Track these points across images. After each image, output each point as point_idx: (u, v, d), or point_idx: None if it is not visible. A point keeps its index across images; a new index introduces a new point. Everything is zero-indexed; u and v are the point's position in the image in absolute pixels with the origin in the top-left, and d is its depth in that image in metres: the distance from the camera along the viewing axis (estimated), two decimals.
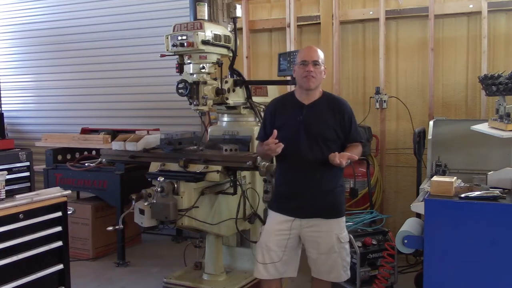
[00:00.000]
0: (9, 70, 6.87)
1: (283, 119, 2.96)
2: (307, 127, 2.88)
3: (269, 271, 2.94)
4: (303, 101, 2.94)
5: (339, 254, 2.92)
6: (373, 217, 3.99)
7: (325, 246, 2.90)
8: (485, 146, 3.57)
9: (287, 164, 2.96)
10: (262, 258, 2.95)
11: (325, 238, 2.90)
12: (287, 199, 2.95)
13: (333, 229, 2.91)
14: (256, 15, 5.43)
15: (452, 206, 2.53)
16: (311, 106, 2.93)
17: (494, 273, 2.44)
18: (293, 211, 2.92)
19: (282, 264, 2.95)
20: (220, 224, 3.66)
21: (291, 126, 2.91)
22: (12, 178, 4.58)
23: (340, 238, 2.92)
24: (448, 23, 4.69)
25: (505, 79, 2.92)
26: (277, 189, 3.07)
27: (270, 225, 2.99)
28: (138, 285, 4.29)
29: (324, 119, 2.90)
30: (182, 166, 3.52)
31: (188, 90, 3.59)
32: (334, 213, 2.93)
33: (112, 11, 6.03)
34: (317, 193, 2.89)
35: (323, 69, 2.92)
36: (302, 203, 2.90)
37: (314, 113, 2.91)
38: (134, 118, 5.93)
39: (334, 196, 2.94)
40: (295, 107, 2.95)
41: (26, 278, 2.73)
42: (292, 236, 2.93)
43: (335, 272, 2.94)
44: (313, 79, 2.86)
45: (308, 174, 2.88)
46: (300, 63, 2.89)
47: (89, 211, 4.99)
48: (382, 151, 4.87)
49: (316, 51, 2.92)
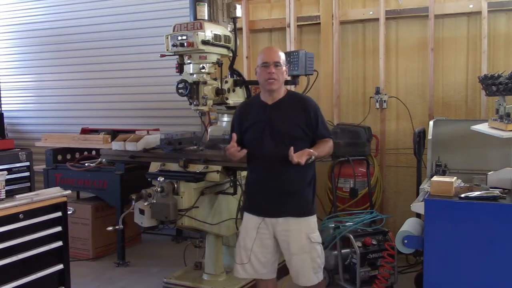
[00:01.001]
0: (9, 70, 6.87)
1: (249, 120, 2.97)
2: (271, 126, 2.88)
3: (247, 270, 2.94)
4: (267, 101, 2.96)
5: (309, 254, 2.88)
6: (373, 217, 3.99)
7: (295, 246, 2.87)
8: (485, 146, 3.57)
9: (254, 165, 2.97)
10: (240, 259, 2.97)
11: (295, 238, 2.87)
12: (255, 199, 2.97)
13: (303, 228, 2.89)
14: (256, 15, 5.43)
15: (452, 206, 2.53)
16: (275, 105, 2.93)
17: (493, 272, 2.45)
18: (261, 211, 2.93)
19: (260, 264, 2.94)
20: (220, 224, 3.66)
21: (256, 127, 2.92)
22: (12, 178, 4.59)
23: (311, 238, 2.89)
24: (448, 23, 4.69)
25: (505, 79, 2.93)
26: (247, 189, 3.10)
27: (244, 225, 3.01)
28: (138, 285, 4.29)
29: (289, 117, 2.89)
30: (182, 166, 3.52)
31: (188, 90, 3.59)
32: (302, 212, 2.91)
33: (112, 11, 6.03)
34: (284, 192, 2.87)
35: (284, 69, 2.93)
36: (269, 203, 2.90)
37: (278, 112, 2.91)
38: (134, 118, 5.93)
39: (302, 195, 2.91)
40: (259, 108, 2.96)
41: (26, 278, 2.73)
42: (266, 236, 2.92)
43: (305, 275, 2.89)
44: (275, 81, 2.88)
45: (274, 174, 2.87)
46: (261, 65, 2.92)
47: (89, 211, 4.99)
48: (382, 151, 4.87)
49: (276, 52, 2.94)
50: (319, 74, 4.14)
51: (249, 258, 2.93)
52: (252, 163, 2.97)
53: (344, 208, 4.38)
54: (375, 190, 4.63)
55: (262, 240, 2.92)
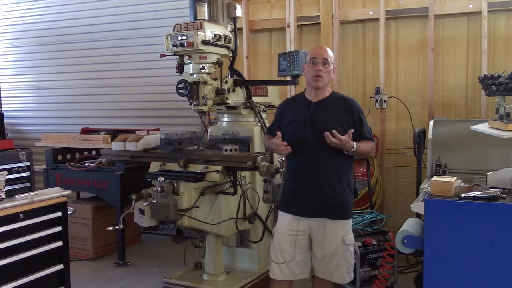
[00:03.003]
0: (9, 70, 6.87)
1: (291, 116, 3.00)
2: (314, 123, 2.89)
3: (284, 271, 2.95)
4: (311, 99, 2.98)
5: (343, 255, 2.92)
6: (373, 217, 3.99)
7: (329, 247, 2.90)
8: (485, 146, 3.58)
9: (293, 161, 2.98)
10: (276, 258, 2.97)
11: (330, 239, 2.90)
12: (293, 197, 2.96)
13: (339, 230, 2.91)
14: (256, 15, 5.43)
15: (452, 206, 2.53)
16: (319, 103, 2.95)
17: (494, 273, 2.44)
18: (299, 210, 2.93)
19: (296, 264, 2.95)
20: (220, 224, 3.66)
21: (298, 122, 2.94)
22: (12, 178, 4.59)
23: (345, 240, 2.92)
24: (448, 23, 4.69)
25: (505, 79, 2.92)
26: (285, 186, 3.08)
27: (280, 226, 3.00)
28: (138, 285, 4.29)
29: (332, 116, 2.90)
30: (182, 166, 3.52)
31: (188, 90, 3.59)
32: (340, 214, 2.93)
33: (112, 11, 6.03)
34: (323, 190, 2.87)
35: (332, 68, 2.95)
36: (308, 202, 2.90)
37: (322, 110, 2.93)
38: (134, 118, 5.93)
39: (341, 196, 2.92)
40: (303, 105, 2.99)
41: (26, 278, 2.74)
42: (302, 236, 2.93)
43: (338, 273, 2.94)
44: (321, 78, 2.90)
45: (314, 170, 2.88)
46: (309, 61, 2.93)
47: (89, 211, 4.99)
48: (382, 151, 4.87)
49: (326, 50, 2.97)
50: None
51: (285, 259, 2.93)
52: (292, 159, 2.97)
53: None
54: (375, 190, 4.63)
55: (298, 241, 2.93)
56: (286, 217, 2.98)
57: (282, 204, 3.06)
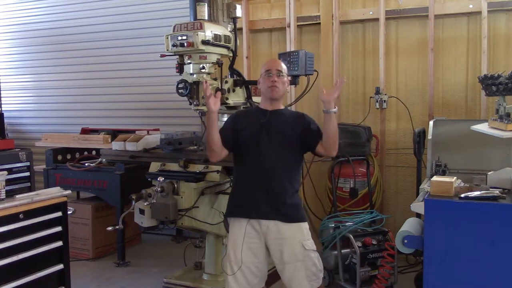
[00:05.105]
0: (9, 70, 6.87)
1: (246, 122, 2.95)
2: (269, 128, 2.87)
3: (239, 282, 2.81)
4: (267, 108, 2.96)
5: (303, 263, 2.78)
6: (373, 217, 3.99)
7: (288, 254, 2.78)
8: (485, 146, 3.57)
9: (246, 164, 2.91)
10: (231, 270, 2.83)
11: (288, 246, 2.78)
12: (243, 198, 2.87)
13: (296, 235, 2.81)
14: (256, 15, 5.43)
15: (452, 206, 2.53)
16: (275, 112, 2.95)
17: (494, 273, 2.44)
18: (250, 211, 2.83)
19: (252, 274, 2.83)
20: (220, 224, 3.66)
21: (253, 127, 2.90)
22: (12, 178, 4.58)
23: (304, 245, 2.80)
24: (448, 23, 4.69)
25: (505, 79, 2.92)
26: (234, 189, 3.02)
27: (232, 233, 2.90)
28: (138, 285, 4.29)
29: (287, 124, 2.90)
30: (182, 166, 3.53)
31: (188, 90, 3.60)
32: (294, 216, 2.84)
33: (112, 11, 6.03)
34: (276, 192, 2.82)
35: (286, 80, 2.96)
36: (260, 202, 2.81)
37: (278, 117, 2.93)
38: (134, 118, 5.93)
39: (293, 197, 2.87)
40: (259, 113, 2.96)
41: (26, 278, 2.74)
42: (256, 242, 2.82)
43: (297, 283, 2.79)
44: (276, 89, 2.89)
45: (266, 171, 2.82)
46: (265, 73, 2.93)
47: (89, 211, 4.99)
48: (382, 151, 4.87)
49: (279, 63, 2.99)
50: (319, 74, 4.15)
51: (239, 267, 2.80)
52: (245, 163, 2.92)
53: (344, 208, 4.38)
54: (375, 190, 4.63)
55: (253, 250, 2.82)
56: (237, 222, 2.87)
57: (231, 210, 2.96)
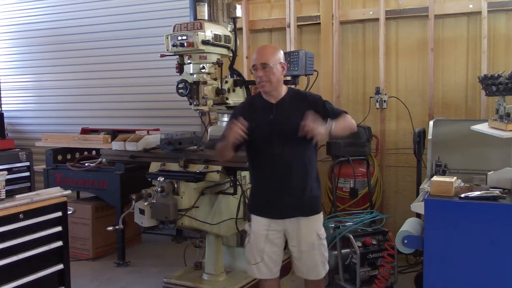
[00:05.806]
0: (9, 70, 6.86)
1: (255, 120, 2.86)
2: (280, 124, 2.83)
3: (261, 270, 2.94)
4: (271, 100, 2.90)
5: (318, 250, 2.93)
6: (373, 217, 3.99)
7: (305, 244, 2.90)
8: (485, 146, 3.57)
9: (263, 166, 2.91)
10: (254, 259, 2.95)
11: (306, 236, 2.90)
12: (264, 200, 2.93)
13: (313, 226, 2.92)
14: (256, 15, 5.42)
15: (452, 206, 2.53)
16: (280, 104, 2.88)
17: (494, 273, 2.44)
18: (272, 213, 2.90)
19: (273, 262, 2.95)
20: (220, 224, 3.66)
21: (263, 126, 2.85)
22: (12, 178, 4.59)
23: (320, 235, 2.93)
24: (448, 23, 4.69)
25: (505, 79, 2.92)
26: (253, 191, 3.04)
27: (255, 227, 2.97)
28: (138, 285, 4.29)
29: (296, 115, 2.76)
30: (182, 166, 3.52)
31: (188, 90, 3.59)
32: (313, 209, 2.92)
33: (113, 11, 6.03)
34: (296, 190, 2.86)
35: (278, 67, 2.82)
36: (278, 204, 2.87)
37: (284, 109, 2.86)
38: (134, 118, 5.93)
39: (312, 191, 2.91)
40: (264, 108, 2.90)
41: (26, 278, 2.73)
42: (277, 235, 2.92)
43: (315, 270, 2.95)
44: (266, 84, 2.81)
45: (283, 170, 2.84)
46: (252, 68, 2.86)
47: (89, 211, 4.99)
48: (382, 151, 4.87)
49: (264, 54, 2.82)
50: (319, 74, 4.14)
51: (262, 257, 2.92)
52: (261, 163, 2.93)
53: (344, 208, 4.38)
54: (375, 190, 4.63)
55: (273, 240, 2.92)
56: (259, 220, 2.94)
57: (253, 208, 3.02)
